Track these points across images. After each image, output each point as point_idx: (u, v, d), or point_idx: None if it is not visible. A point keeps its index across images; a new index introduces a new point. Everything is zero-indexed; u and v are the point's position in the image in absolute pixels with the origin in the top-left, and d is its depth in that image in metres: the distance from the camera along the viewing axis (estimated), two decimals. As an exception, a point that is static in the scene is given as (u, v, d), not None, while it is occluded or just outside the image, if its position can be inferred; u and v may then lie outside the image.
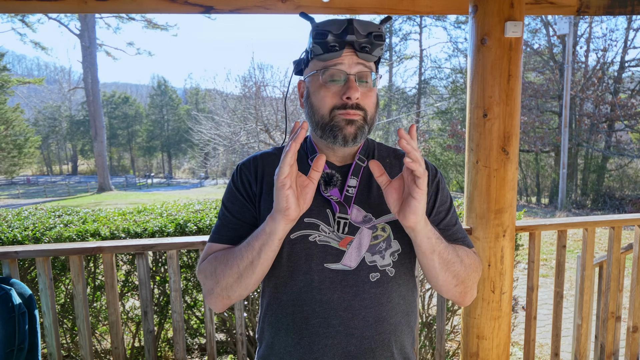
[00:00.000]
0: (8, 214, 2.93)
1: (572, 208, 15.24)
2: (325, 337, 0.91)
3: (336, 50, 0.87)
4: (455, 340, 2.99)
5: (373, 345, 0.93)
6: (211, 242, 0.97)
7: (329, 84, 0.89)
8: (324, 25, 0.87)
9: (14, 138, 30.56)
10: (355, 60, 0.88)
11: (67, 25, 29.33)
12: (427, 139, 23.48)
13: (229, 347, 2.79)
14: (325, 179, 0.93)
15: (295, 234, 0.92)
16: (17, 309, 1.58)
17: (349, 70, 0.88)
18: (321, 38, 0.87)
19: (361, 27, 0.87)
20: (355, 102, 0.88)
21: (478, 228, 1.94)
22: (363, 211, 0.94)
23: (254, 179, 0.98)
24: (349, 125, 0.89)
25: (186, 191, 29.28)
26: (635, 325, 2.32)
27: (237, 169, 1.01)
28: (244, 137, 14.17)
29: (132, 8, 1.90)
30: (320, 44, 0.87)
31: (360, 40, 0.87)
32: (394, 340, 0.95)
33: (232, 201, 0.98)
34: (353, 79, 0.88)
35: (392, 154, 1.04)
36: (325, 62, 0.89)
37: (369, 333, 0.92)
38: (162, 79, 51.67)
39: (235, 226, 0.96)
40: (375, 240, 0.93)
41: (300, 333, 0.93)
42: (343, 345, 0.91)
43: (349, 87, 0.87)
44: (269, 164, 0.99)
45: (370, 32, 0.87)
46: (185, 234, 2.50)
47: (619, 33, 26.66)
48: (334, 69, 0.88)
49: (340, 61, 0.88)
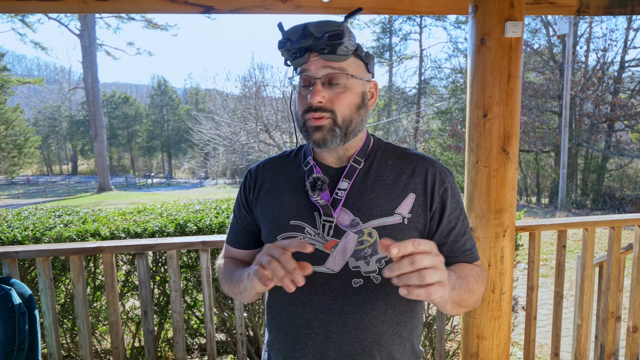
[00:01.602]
0: (8, 214, 2.93)
1: (572, 208, 15.24)
2: (306, 337, 0.93)
3: (298, 56, 0.88)
4: (455, 340, 2.99)
5: (352, 351, 0.91)
6: (225, 242, 1.12)
7: (302, 90, 0.91)
8: (285, 33, 0.89)
9: (14, 138, 30.56)
10: (322, 63, 0.88)
11: (67, 25, 29.34)
12: (427, 139, 23.48)
13: (229, 347, 2.79)
14: (312, 184, 0.93)
15: (281, 235, 0.95)
16: (17, 309, 1.58)
17: (316, 74, 0.88)
18: (281, 47, 0.90)
19: (316, 30, 0.86)
20: (316, 105, 0.88)
21: (478, 228, 1.94)
22: (351, 215, 0.92)
23: (253, 185, 1.04)
24: (316, 132, 0.90)
25: (186, 191, 29.28)
26: (635, 325, 2.32)
27: (244, 175, 1.08)
28: (244, 137, 14.17)
29: (132, 8, 1.90)
30: (283, 52, 0.90)
31: (318, 43, 0.86)
32: (377, 349, 0.93)
33: (237, 207, 1.08)
34: (318, 82, 0.88)
35: (399, 155, 0.99)
36: (297, 67, 0.91)
37: (349, 339, 0.91)
38: (162, 79, 51.70)
39: (237, 230, 1.08)
40: (360, 246, 0.91)
41: (286, 331, 0.97)
42: (322, 348, 0.92)
43: (312, 92, 0.88)
44: (270, 170, 1.04)
45: (325, 32, 0.85)
46: (185, 234, 2.50)
47: (619, 33, 26.69)
48: (303, 75, 0.90)
49: (307, 67, 0.89)
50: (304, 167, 0.99)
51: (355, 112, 0.91)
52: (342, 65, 0.88)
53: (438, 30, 62.93)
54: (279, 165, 1.04)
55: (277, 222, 0.96)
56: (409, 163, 0.97)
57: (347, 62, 0.89)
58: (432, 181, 0.95)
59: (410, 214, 0.93)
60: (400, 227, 0.92)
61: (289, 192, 0.98)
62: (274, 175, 1.02)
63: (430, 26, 30.93)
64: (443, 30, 45.19)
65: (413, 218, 0.93)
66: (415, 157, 0.98)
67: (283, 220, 0.96)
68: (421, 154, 1.00)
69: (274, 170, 1.03)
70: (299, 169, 1.00)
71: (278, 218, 0.96)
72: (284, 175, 1.01)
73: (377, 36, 27.77)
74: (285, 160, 1.05)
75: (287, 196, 0.98)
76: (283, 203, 0.97)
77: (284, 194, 0.98)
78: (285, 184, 0.99)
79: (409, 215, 0.93)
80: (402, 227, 0.92)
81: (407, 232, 0.92)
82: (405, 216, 0.92)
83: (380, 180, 0.95)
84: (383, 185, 0.94)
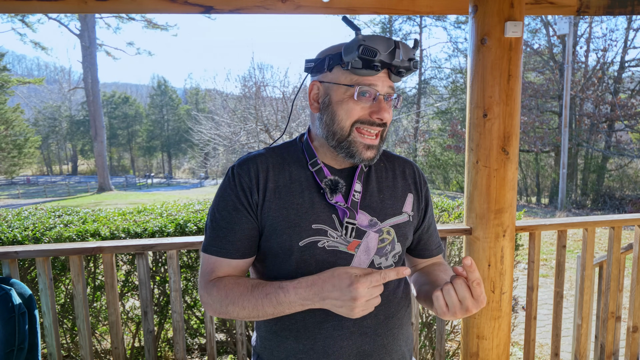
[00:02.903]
0: (8, 214, 2.93)
1: (572, 208, 15.24)
2: (340, 339, 0.93)
3: (377, 69, 0.87)
4: (455, 340, 2.99)
5: (385, 341, 0.96)
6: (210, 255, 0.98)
7: (359, 98, 0.89)
8: (372, 41, 0.85)
9: (14, 138, 30.55)
10: (387, 82, 0.90)
11: (67, 25, 29.31)
12: (427, 139, 23.48)
13: (229, 347, 2.79)
14: (330, 186, 0.93)
15: (304, 241, 0.91)
16: (17, 309, 1.58)
17: (381, 90, 0.89)
18: (369, 55, 0.84)
19: (405, 52, 0.87)
20: (384, 121, 0.91)
21: (478, 228, 1.94)
22: (368, 215, 0.96)
23: (255, 185, 0.96)
24: (368, 150, 0.91)
25: (186, 191, 29.26)
26: (635, 325, 2.32)
27: (233, 173, 0.99)
28: (244, 137, 14.16)
29: (132, 8, 1.90)
30: (365, 60, 0.85)
31: (402, 65, 0.88)
32: (400, 334, 1.00)
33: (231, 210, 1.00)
34: (382, 99, 0.89)
35: (386, 157, 1.06)
36: (358, 76, 0.88)
37: (381, 330, 0.96)
38: (162, 79, 51.67)
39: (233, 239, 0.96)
40: (382, 244, 0.96)
41: (314, 338, 0.93)
42: (358, 344, 0.94)
43: (381, 108, 0.89)
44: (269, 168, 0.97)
45: (411, 59, 0.89)
46: (185, 234, 2.50)
47: (619, 33, 26.66)
48: (366, 87, 0.88)
49: (375, 81, 0.89)
50: (310, 168, 0.96)
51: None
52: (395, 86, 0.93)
53: (438, 30, 62.99)
54: (276, 164, 0.96)
55: (297, 226, 0.91)
56: (398, 165, 1.06)
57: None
58: (419, 181, 1.06)
59: (413, 212, 1.03)
60: (408, 224, 1.01)
61: (300, 193, 0.93)
62: (275, 174, 0.95)
63: (430, 26, 30.93)
64: (443, 30, 45.21)
65: (415, 215, 1.03)
66: (400, 159, 1.08)
67: (304, 224, 0.91)
68: (401, 156, 1.09)
69: (273, 169, 0.95)
70: (303, 168, 0.97)
71: (297, 222, 0.91)
72: (286, 173, 0.95)
73: (377, 36, 27.71)
74: (279, 157, 0.98)
75: (300, 198, 0.93)
76: (299, 206, 0.92)
77: (294, 196, 0.93)
78: (293, 185, 0.94)
79: (412, 213, 1.02)
80: (409, 224, 1.01)
81: (412, 228, 1.04)
82: (410, 214, 1.02)
83: (381, 181, 1.00)
84: (385, 186, 1.00)
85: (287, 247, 0.91)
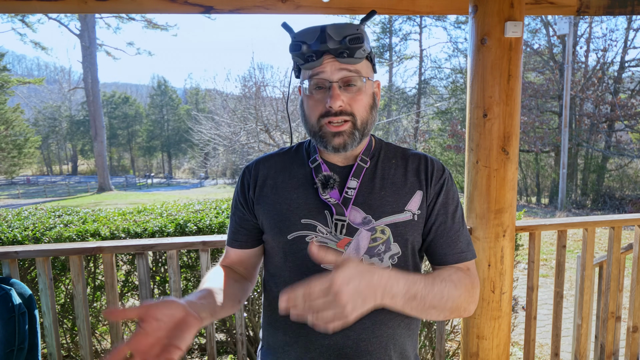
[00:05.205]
0: (8, 214, 2.93)
1: (572, 208, 15.24)
2: (322, 337, 0.92)
3: (314, 59, 0.87)
4: (455, 340, 2.99)
5: (370, 348, 0.92)
6: (226, 244, 1.10)
7: (314, 93, 0.90)
8: (299, 36, 0.88)
9: (14, 138, 30.55)
10: (337, 66, 0.88)
11: (67, 25, 29.34)
12: (427, 139, 23.48)
13: (229, 347, 2.79)
14: (323, 182, 0.92)
15: (292, 234, 0.93)
16: (17, 309, 1.58)
17: (332, 77, 0.88)
18: (297, 50, 0.88)
19: (335, 33, 0.85)
20: (337, 109, 0.88)
21: (478, 228, 1.94)
22: (362, 213, 0.93)
23: (253, 183, 1.05)
24: (336, 137, 0.90)
25: (186, 191, 29.28)
26: (635, 325, 2.32)
27: (241, 173, 1.08)
28: (244, 137, 14.16)
29: (132, 8, 1.90)
30: (298, 55, 0.88)
31: (337, 47, 0.86)
32: (392, 344, 0.94)
33: (234, 206, 1.08)
34: (335, 86, 0.87)
35: (400, 154, 1.01)
36: (309, 70, 0.90)
37: (366, 336, 0.92)
38: (162, 79, 51.73)
39: (235, 230, 1.07)
40: (374, 243, 0.92)
41: (297, 332, 0.94)
42: (339, 346, 0.92)
43: (330, 96, 0.87)
44: (270, 166, 1.03)
45: (346, 36, 0.85)
46: (185, 234, 2.50)
47: (619, 33, 26.66)
48: (316, 78, 0.89)
49: (322, 69, 0.88)
50: (309, 164, 0.97)
51: (369, 113, 0.93)
52: (356, 67, 0.89)
53: (438, 30, 62.98)
54: (279, 162, 1.01)
55: (287, 220, 0.94)
56: (412, 161, 0.99)
57: (360, 64, 0.90)
58: (429, 177, 0.98)
59: (420, 211, 0.95)
60: (411, 223, 0.94)
61: (295, 189, 0.96)
62: (276, 172, 0.99)
63: (430, 26, 30.86)
64: (443, 30, 45.18)
65: (422, 214, 0.96)
66: (417, 155, 1.01)
67: (293, 218, 0.94)
68: (421, 153, 1.02)
69: (275, 167, 1.00)
70: (304, 166, 0.99)
71: (288, 217, 0.94)
72: (287, 172, 0.99)
73: (377, 36, 27.75)
74: (286, 157, 1.02)
75: (295, 194, 0.96)
76: (291, 201, 0.95)
77: (290, 192, 0.96)
78: (291, 182, 0.97)
79: (418, 212, 0.95)
80: (412, 223, 0.94)
81: (417, 228, 0.95)
82: (415, 212, 0.95)
83: (387, 178, 0.97)
84: (391, 183, 0.96)
85: (277, 240, 0.96)
